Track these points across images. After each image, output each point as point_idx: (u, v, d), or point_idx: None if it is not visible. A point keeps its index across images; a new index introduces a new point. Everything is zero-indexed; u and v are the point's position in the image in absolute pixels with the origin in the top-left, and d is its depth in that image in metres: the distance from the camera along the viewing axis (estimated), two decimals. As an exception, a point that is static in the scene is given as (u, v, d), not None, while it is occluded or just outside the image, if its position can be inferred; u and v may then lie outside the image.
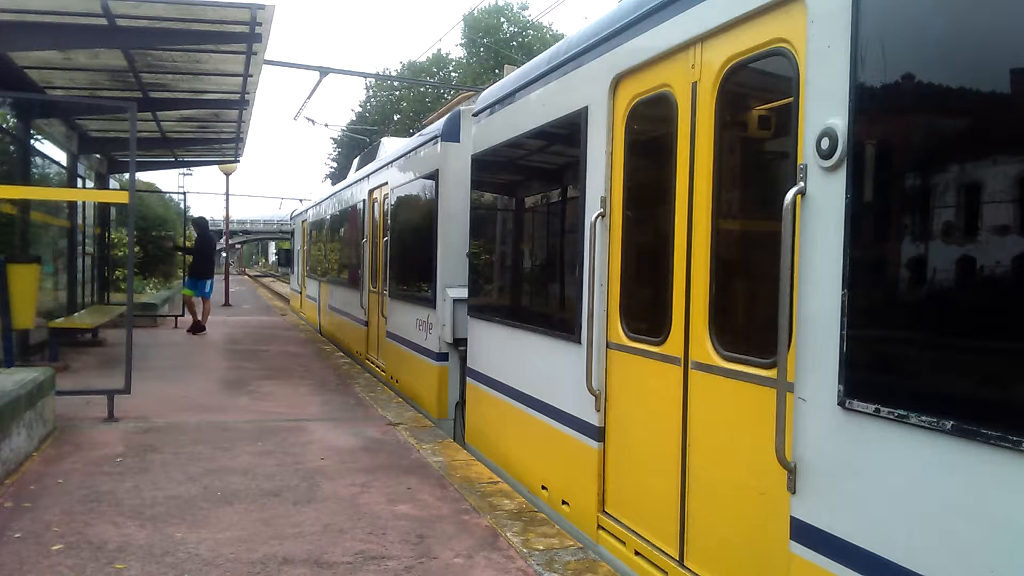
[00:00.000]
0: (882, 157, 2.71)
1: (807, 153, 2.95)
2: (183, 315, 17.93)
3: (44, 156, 12.17)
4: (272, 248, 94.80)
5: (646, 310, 4.37)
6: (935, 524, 2.44)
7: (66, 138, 12.84)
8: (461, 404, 7.90)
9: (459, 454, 6.65)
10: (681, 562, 3.88)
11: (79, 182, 13.71)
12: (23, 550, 4.28)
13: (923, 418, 2.44)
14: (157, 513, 4.93)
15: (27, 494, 5.23)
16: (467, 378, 7.29)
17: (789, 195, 2.95)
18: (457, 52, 63.02)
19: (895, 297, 2.66)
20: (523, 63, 6.38)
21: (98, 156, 15.39)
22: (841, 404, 2.76)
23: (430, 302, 8.43)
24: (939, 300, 2.52)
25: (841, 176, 2.78)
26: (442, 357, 8.29)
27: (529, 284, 6.35)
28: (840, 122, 2.79)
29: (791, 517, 3.02)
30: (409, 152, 9.89)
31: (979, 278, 2.41)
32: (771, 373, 3.19)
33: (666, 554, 4.00)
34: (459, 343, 7.91)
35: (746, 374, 3.41)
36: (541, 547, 4.50)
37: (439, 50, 61.86)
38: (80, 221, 13.93)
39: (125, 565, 4.11)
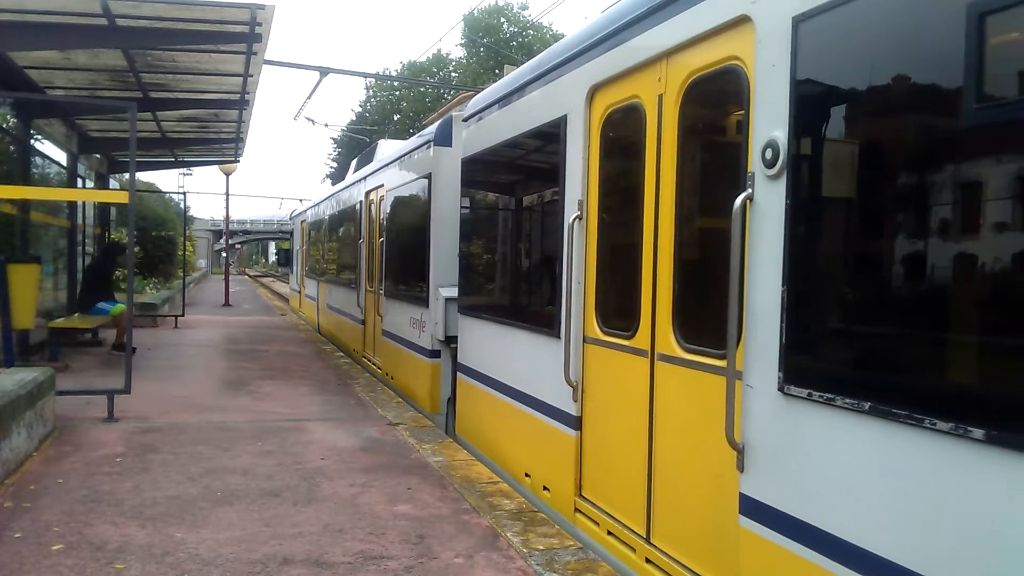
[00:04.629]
0: (815, 167, 3.02)
1: (755, 162, 3.22)
2: (183, 315, 17.95)
3: (44, 156, 12.16)
4: (272, 248, 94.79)
5: (618, 306, 4.62)
6: (858, 495, 2.71)
7: (66, 138, 12.84)
8: (453, 399, 8.05)
9: (459, 454, 6.66)
10: (648, 539, 4.19)
11: (79, 182, 13.71)
12: (23, 550, 4.28)
13: (846, 400, 2.74)
14: (157, 513, 4.93)
15: (27, 494, 5.23)
16: (458, 373, 7.49)
17: (738, 200, 3.24)
18: (457, 52, 63.15)
19: (822, 293, 3.00)
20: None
21: (98, 156, 15.39)
22: (781, 390, 3.04)
23: (423, 301, 8.65)
24: (858, 296, 2.86)
25: (782, 184, 3.06)
26: (435, 354, 8.50)
27: (514, 283, 6.61)
28: (782, 134, 3.06)
29: (740, 494, 3.29)
30: (404, 155, 10.11)
31: (892, 277, 2.72)
32: (724, 363, 3.41)
33: (635, 532, 4.30)
34: (451, 340, 8.07)
35: (704, 364, 3.69)
36: (541, 547, 4.50)
37: (439, 50, 61.98)
38: (80, 221, 13.93)
39: (125, 565, 4.11)
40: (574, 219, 4.86)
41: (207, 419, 7.74)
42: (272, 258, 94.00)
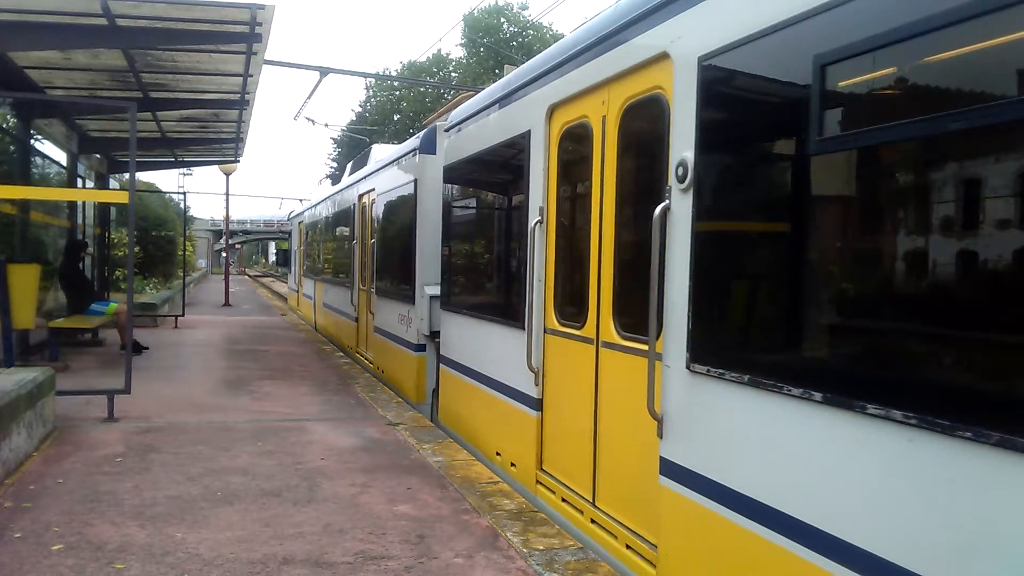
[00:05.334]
0: (711, 183, 3.59)
1: (672, 177, 3.81)
2: (183, 315, 17.94)
3: (44, 156, 12.16)
4: (272, 248, 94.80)
5: (572, 301, 5.24)
6: (743, 452, 3.28)
7: (66, 138, 12.82)
8: (437, 390, 8.49)
9: (459, 454, 6.66)
10: (593, 503, 4.82)
11: (79, 182, 13.69)
12: (23, 550, 4.28)
13: (732, 374, 3.32)
14: (157, 513, 4.93)
15: (27, 494, 5.24)
16: (440, 364, 8.04)
17: (658, 209, 3.84)
18: (457, 52, 62.96)
19: (715, 287, 3.61)
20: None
21: (98, 156, 15.37)
22: (688, 367, 3.63)
23: (410, 298, 9.27)
24: (738, 290, 3.55)
25: (690, 197, 3.65)
26: (420, 348, 9.12)
27: (487, 280, 7.21)
28: (690, 155, 3.65)
29: (660, 457, 3.90)
30: (393, 161, 10.70)
31: (760, 277, 3.38)
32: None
33: (583, 497, 4.94)
34: (435, 335, 8.57)
35: (636, 349, 4.31)
36: (541, 547, 4.51)
37: (439, 50, 61.79)
38: (80, 221, 13.92)
39: (125, 565, 4.12)
40: (536, 223, 5.46)
41: (207, 419, 7.74)
42: (272, 258, 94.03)
